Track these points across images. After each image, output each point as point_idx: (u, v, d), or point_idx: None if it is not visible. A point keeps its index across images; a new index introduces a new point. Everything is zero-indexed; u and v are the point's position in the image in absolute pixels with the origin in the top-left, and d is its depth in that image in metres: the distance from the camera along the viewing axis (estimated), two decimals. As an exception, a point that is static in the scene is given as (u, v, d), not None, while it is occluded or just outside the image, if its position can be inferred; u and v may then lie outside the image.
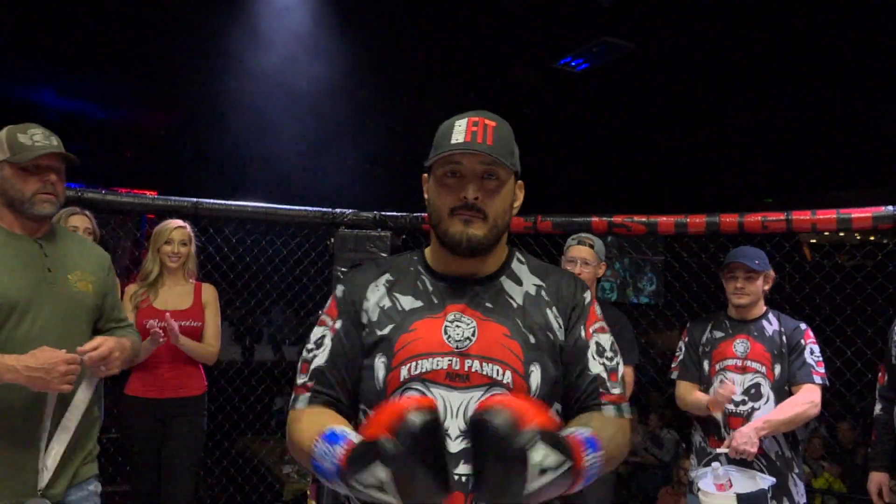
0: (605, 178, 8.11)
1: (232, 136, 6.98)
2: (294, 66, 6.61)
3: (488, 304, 1.41)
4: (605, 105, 8.25)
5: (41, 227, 2.08)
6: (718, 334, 2.93)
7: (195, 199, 3.15)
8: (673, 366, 3.03)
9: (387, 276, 1.47)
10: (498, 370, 1.34)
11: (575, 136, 8.51)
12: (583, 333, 1.44)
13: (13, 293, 1.94)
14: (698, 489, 2.74)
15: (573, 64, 8.37)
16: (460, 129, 1.38)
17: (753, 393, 2.81)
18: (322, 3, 6.55)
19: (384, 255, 3.17)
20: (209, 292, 3.25)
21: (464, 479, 1.28)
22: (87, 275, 2.11)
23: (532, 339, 1.38)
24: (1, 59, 6.68)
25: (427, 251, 1.51)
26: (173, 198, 3.17)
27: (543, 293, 1.45)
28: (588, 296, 1.48)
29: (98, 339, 2.00)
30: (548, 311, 1.43)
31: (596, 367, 1.42)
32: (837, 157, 7.12)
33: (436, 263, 1.47)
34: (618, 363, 1.46)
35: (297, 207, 3.30)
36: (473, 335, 1.37)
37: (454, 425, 1.31)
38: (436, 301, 1.41)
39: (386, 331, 1.39)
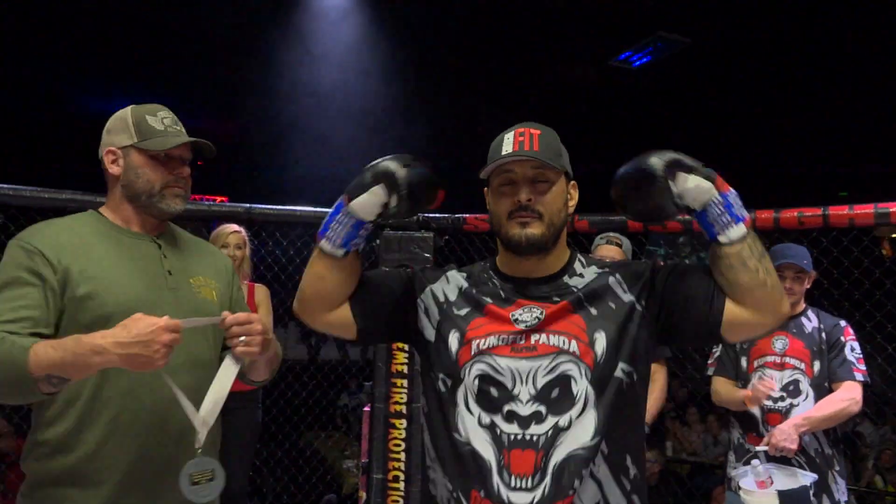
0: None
1: (288, 144, 7.23)
2: (343, 76, 6.81)
3: (556, 298, 1.52)
4: (662, 101, 8.17)
5: (160, 225, 1.77)
6: None
7: (248, 205, 3.32)
8: (709, 362, 3.04)
9: (464, 275, 1.61)
10: (564, 340, 1.47)
11: (632, 134, 8.44)
12: (668, 278, 1.51)
13: (130, 299, 1.61)
14: (738, 487, 2.75)
15: (631, 60, 8.33)
16: (509, 141, 1.51)
17: (792, 389, 2.80)
18: (371, 12, 6.71)
19: (427, 255, 3.28)
20: (262, 293, 3.43)
21: (536, 438, 1.42)
22: (209, 280, 1.80)
23: (594, 311, 1.49)
24: (79, 73, 7.12)
25: (497, 258, 1.63)
26: (227, 204, 3.35)
27: (606, 271, 1.56)
28: (658, 263, 1.57)
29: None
30: (610, 278, 1.53)
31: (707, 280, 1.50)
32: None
33: (503, 266, 1.59)
34: None
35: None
36: (541, 315, 1.49)
37: (525, 391, 1.44)
38: (504, 296, 1.54)
39: (463, 312, 1.54)
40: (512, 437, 1.43)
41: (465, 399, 1.48)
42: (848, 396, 2.73)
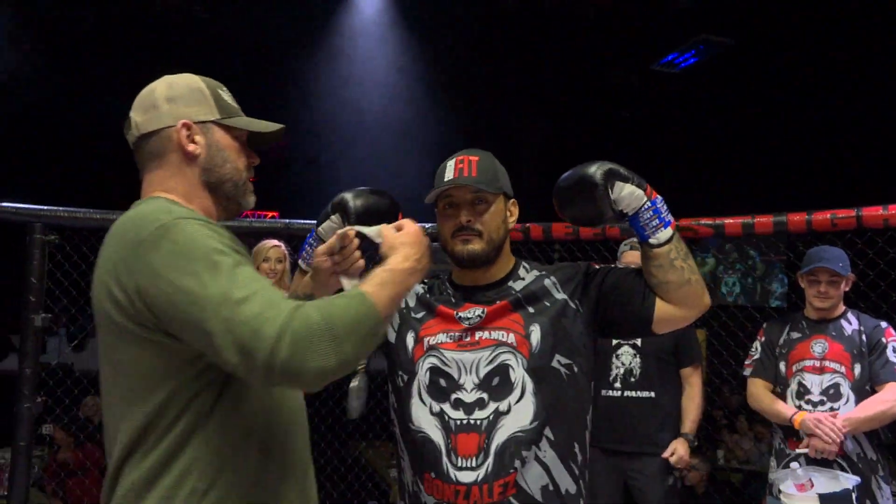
0: (706, 179, 7.89)
1: (332, 159, 7.37)
2: (382, 89, 6.91)
3: (497, 300, 1.71)
4: (707, 104, 8.05)
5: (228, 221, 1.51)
6: (795, 335, 2.89)
7: (287, 220, 3.42)
8: (746, 363, 3.01)
9: (424, 286, 1.80)
10: (503, 333, 1.65)
11: (676, 138, 8.35)
12: (602, 278, 1.69)
13: None
14: (779, 491, 2.71)
15: (674, 63, 8.24)
16: (450, 169, 1.69)
17: (832, 393, 2.76)
18: (406, 23, 6.81)
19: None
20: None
21: (478, 422, 1.58)
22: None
23: (531, 309, 1.67)
24: (131, 88, 7.37)
25: (452, 271, 1.81)
26: (267, 220, 3.46)
27: (543, 274, 1.74)
28: (588, 266, 1.74)
29: None
30: (546, 280, 1.71)
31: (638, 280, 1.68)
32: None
33: (456, 277, 1.79)
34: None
35: (380, 224, 3.52)
36: (483, 314, 1.68)
37: (469, 380, 1.62)
38: (454, 301, 1.74)
39: (419, 315, 1.74)
40: (458, 422, 1.60)
41: (419, 391, 1.66)
42: (891, 398, 2.67)
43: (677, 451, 3.08)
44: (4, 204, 3.08)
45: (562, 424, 1.60)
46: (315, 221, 1.79)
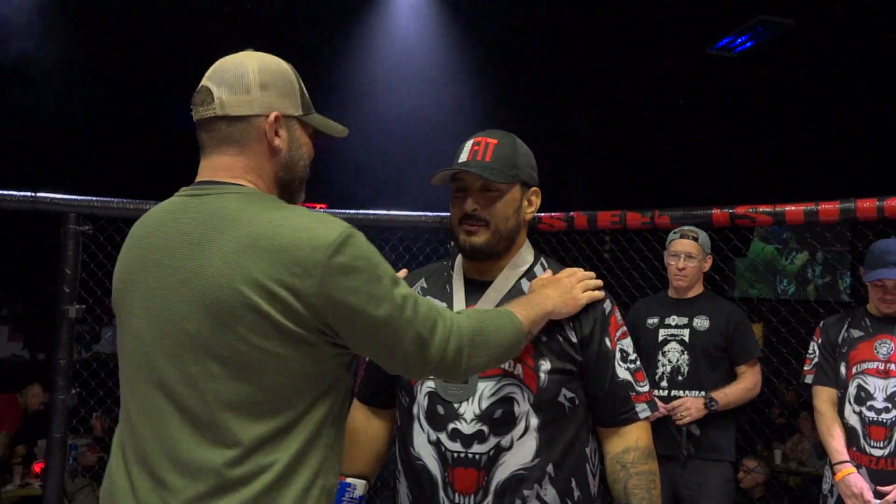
0: (765, 167, 7.57)
1: (375, 152, 7.30)
2: (424, 77, 6.79)
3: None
4: (766, 88, 7.71)
5: None
6: (857, 333, 2.65)
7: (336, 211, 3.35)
8: (806, 369, 2.78)
9: (422, 283, 1.67)
10: (510, 363, 1.51)
11: (731, 126, 8.03)
12: (608, 343, 1.58)
13: None
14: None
15: (730, 47, 7.91)
16: (465, 150, 1.57)
17: (899, 400, 2.52)
18: (449, 13, 6.66)
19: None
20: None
21: (477, 457, 1.47)
22: None
23: (543, 338, 1.53)
24: (178, 88, 7.44)
25: (459, 255, 1.69)
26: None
27: None
28: (608, 304, 1.61)
29: None
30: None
31: (623, 372, 1.58)
32: None
33: (463, 268, 1.66)
34: (639, 364, 1.63)
35: (417, 213, 3.41)
36: None
37: (469, 410, 1.50)
38: (456, 303, 1.59)
39: None
40: (455, 455, 1.49)
41: (418, 416, 1.54)
42: None
43: (685, 401, 2.83)
44: (40, 194, 3.06)
45: (563, 460, 1.51)
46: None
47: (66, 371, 2.98)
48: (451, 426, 1.49)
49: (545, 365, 1.51)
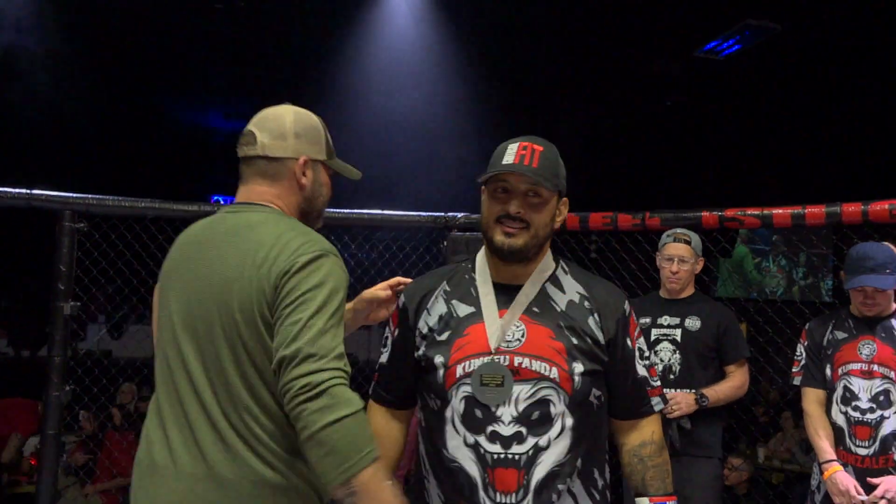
0: (751, 169, 7.66)
1: (368, 152, 7.32)
2: (419, 78, 6.82)
3: (535, 309, 1.62)
4: (752, 92, 7.80)
5: None
6: (840, 335, 2.68)
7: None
8: (794, 370, 2.82)
9: (444, 286, 1.69)
10: (545, 367, 1.57)
11: (718, 127, 8.11)
12: (629, 343, 1.67)
13: None
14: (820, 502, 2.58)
15: (717, 50, 8.00)
16: (511, 152, 1.61)
17: (882, 400, 2.56)
18: (442, 14, 6.69)
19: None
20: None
21: (517, 457, 1.53)
22: None
23: (574, 341, 1.59)
24: (175, 86, 7.44)
25: (478, 257, 1.71)
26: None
27: (587, 302, 1.65)
28: (628, 305, 1.69)
29: None
30: (590, 318, 1.63)
31: (641, 370, 1.69)
32: None
33: (487, 269, 1.67)
34: (651, 360, 1.76)
35: (410, 213, 3.44)
36: (523, 337, 1.59)
37: (507, 413, 1.55)
38: (485, 308, 1.62)
39: (444, 336, 1.63)
40: (495, 456, 1.53)
41: (453, 419, 1.58)
42: None
43: (677, 396, 2.89)
44: (36, 191, 3.07)
45: (588, 453, 1.60)
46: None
47: (61, 368, 2.99)
48: (489, 429, 1.54)
49: (578, 367, 1.57)
